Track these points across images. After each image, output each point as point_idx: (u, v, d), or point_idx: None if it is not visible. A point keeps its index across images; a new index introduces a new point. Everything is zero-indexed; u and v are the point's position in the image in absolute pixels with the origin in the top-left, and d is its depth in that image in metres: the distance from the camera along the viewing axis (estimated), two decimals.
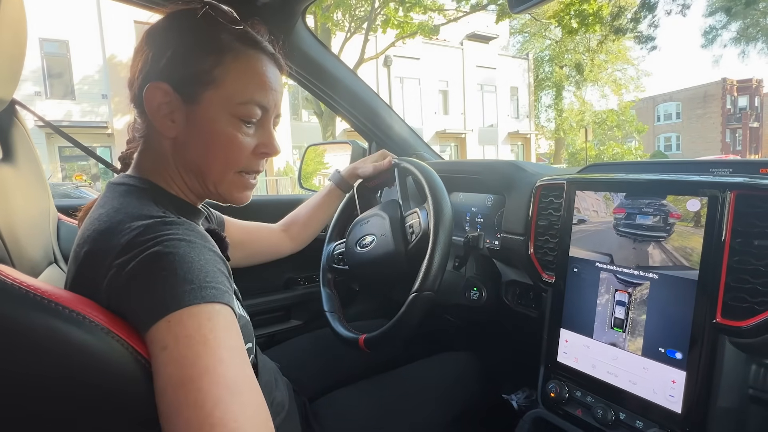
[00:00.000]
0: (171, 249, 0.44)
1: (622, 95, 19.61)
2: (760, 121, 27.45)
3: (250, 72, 0.55)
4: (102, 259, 0.45)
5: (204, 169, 0.57)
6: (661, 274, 0.68)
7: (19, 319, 0.37)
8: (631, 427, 0.70)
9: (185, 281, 0.42)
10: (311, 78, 1.19)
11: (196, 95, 0.53)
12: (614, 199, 0.76)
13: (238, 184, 0.59)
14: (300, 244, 1.03)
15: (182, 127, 0.55)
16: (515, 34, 20.38)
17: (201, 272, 0.44)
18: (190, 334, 0.40)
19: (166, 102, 0.53)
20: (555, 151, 21.86)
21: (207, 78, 0.53)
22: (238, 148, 0.56)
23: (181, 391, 0.38)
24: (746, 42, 12.18)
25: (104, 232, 0.47)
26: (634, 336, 0.71)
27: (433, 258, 0.78)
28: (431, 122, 17.58)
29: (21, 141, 0.72)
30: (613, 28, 12.01)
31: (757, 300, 0.60)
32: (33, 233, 0.68)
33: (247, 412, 0.39)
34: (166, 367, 0.39)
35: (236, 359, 0.42)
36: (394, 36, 9.41)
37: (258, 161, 0.60)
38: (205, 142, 0.55)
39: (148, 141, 0.58)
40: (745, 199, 0.62)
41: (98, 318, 0.40)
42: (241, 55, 0.55)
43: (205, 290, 0.43)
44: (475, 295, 1.00)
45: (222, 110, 0.54)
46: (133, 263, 0.43)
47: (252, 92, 0.55)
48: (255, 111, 0.56)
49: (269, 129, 0.60)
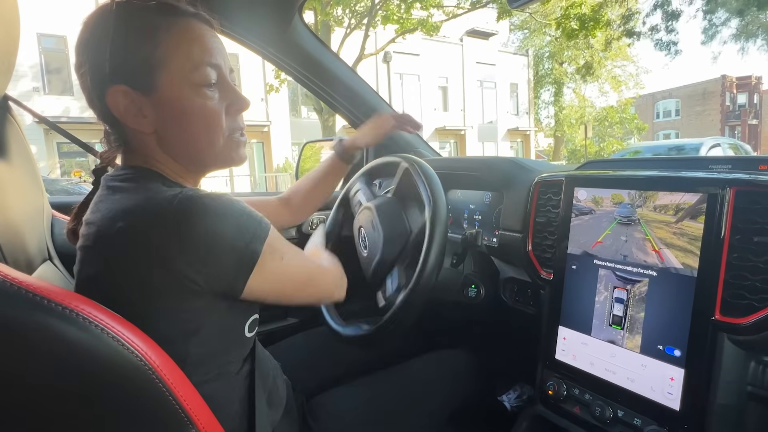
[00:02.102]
0: (221, 206, 0.50)
1: (622, 92, 19.61)
2: (759, 119, 27.47)
3: (187, 38, 0.55)
4: (149, 230, 0.47)
5: (193, 149, 0.58)
6: (659, 270, 0.68)
7: (12, 317, 0.36)
8: (629, 424, 0.70)
9: (255, 222, 0.52)
10: (308, 74, 1.18)
11: (152, 83, 0.54)
12: (613, 196, 0.75)
13: (231, 145, 0.61)
14: (300, 217, 1.01)
15: (155, 118, 0.55)
16: (515, 31, 20.35)
17: (252, 215, 0.53)
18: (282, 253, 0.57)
19: (130, 101, 0.53)
20: (554, 148, 21.85)
21: (153, 62, 0.53)
22: (213, 116, 0.57)
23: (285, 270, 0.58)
24: (746, 39, 12.17)
25: (138, 207, 0.49)
26: (632, 333, 0.70)
27: (429, 252, 0.78)
28: (431, 119, 17.53)
29: (14, 137, 0.71)
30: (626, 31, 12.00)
31: (757, 297, 0.59)
32: (27, 230, 0.68)
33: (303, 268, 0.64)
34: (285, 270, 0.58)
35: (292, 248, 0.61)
36: (394, 32, 9.39)
37: (236, 119, 0.61)
38: (183, 123, 0.56)
39: (129, 146, 0.58)
40: (744, 195, 0.61)
41: (92, 315, 0.40)
42: (171, 26, 0.55)
43: (263, 226, 0.53)
44: (473, 293, 1.00)
45: (181, 85, 0.55)
46: (203, 226, 0.48)
47: (198, 55, 0.55)
48: (209, 72, 0.56)
49: (231, 85, 0.60)
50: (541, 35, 19.43)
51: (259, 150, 14.55)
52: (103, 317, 0.41)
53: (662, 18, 11.31)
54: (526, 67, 20.75)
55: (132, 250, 0.48)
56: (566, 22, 9.51)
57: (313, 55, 1.14)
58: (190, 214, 0.47)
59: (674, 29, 11.39)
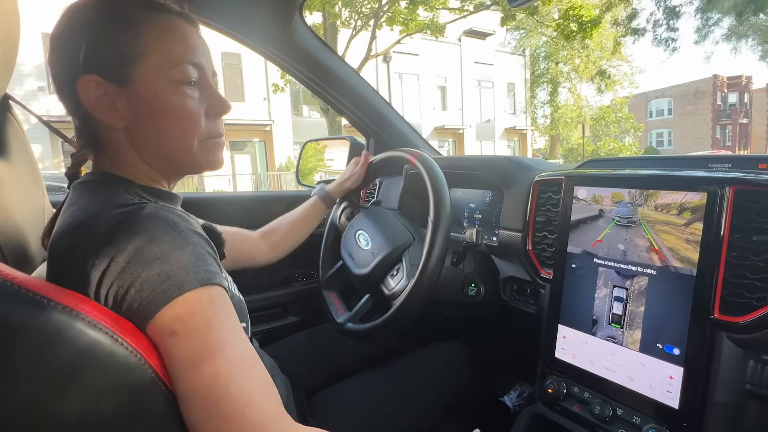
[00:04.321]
0: (158, 236, 0.44)
1: (617, 91, 19.65)
2: (750, 118, 27.74)
3: (169, 35, 0.53)
4: (82, 252, 0.44)
5: (167, 148, 0.55)
6: (659, 269, 0.68)
7: (12, 316, 0.36)
8: (628, 422, 0.71)
9: (180, 267, 0.43)
10: (308, 73, 1.18)
11: (128, 75, 0.51)
12: (613, 194, 0.75)
13: (208, 147, 0.58)
14: (278, 254, 1.01)
15: (129, 113, 0.53)
16: (512, 30, 20.33)
17: (192, 256, 0.45)
18: (196, 318, 0.42)
19: (103, 93, 0.51)
20: (550, 147, 21.90)
21: (131, 54, 0.51)
22: (190, 117, 0.55)
23: (196, 372, 0.41)
24: (737, 39, 12.22)
25: (80, 225, 0.46)
26: (631, 332, 0.71)
27: (432, 248, 0.78)
28: (430, 118, 17.56)
29: (14, 136, 0.71)
30: (630, 30, 12.12)
31: (755, 296, 0.60)
32: (27, 229, 0.67)
33: (255, 383, 0.43)
34: (179, 351, 0.41)
35: (239, 336, 0.45)
36: (398, 33, 9.39)
37: (215, 123, 0.58)
38: (157, 121, 0.53)
39: (99, 143, 0.56)
40: (744, 194, 0.62)
41: (91, 314, 0.40)
42: (153, 21, 0.53)
43: (199, 274, 0.44)
44: (473, 292, 1.00)
45: (159, 81, 0.52)
46: (122, 255, 0.42)
47: (179, 53, 0.53)
48: (190, 70, 0.54)
49: (212, 87, 0.58)
50: (537, 35, 19.44)
51: (261, 149, 14.56)
52: (102, 316, 0.40)
53: (664, 14, 11.41)
54: (522, 66, 20.78)
55: (69, 271, 0.45)
56: (565, 23, 9.59)
57: (314, 54, 1.13)
58: (138, 262, 0.42)
59: (675, 28, 11.51)
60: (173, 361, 0.41)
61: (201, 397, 0.40)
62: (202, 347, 0.41)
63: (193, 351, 0.41)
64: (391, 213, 1.02)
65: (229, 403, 0.40)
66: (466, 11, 9.93)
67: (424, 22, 8.99)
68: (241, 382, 0.41)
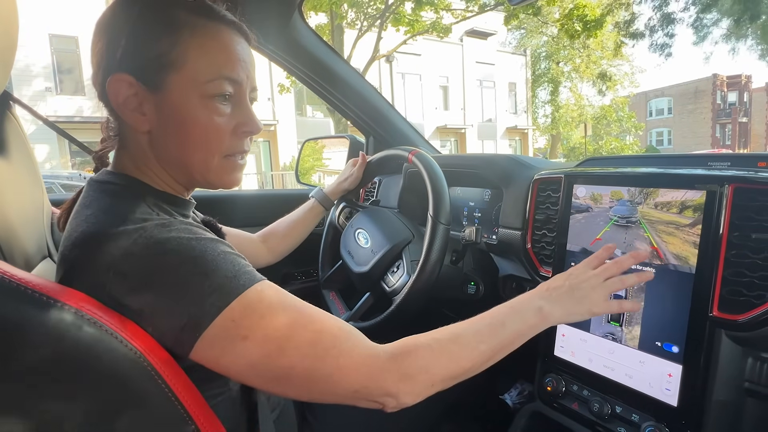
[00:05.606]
0: (188, 251, 0.44)
1: (617, 91, 19.62)
2: (749, 117, 27.71)
3: (212, 45, 0.51)
4: (98, 264, 0.43)
5: (186, 160, 0.53)
6: (658, 267, 0.68)
7: (11, 313, 0.36)
8: (627, 420, 0.70)
9: (222, 276, 0.44)
10: (308, 71, 1.18)
11: (160, 81, 0.50)
12: (612, 193, 0.75)
13: (226, 167, 0.56)
14: (277, 256, 1.02)
15: (154, 118, 0.51)
16: (513, 30, 20.30)
17: (227, 262, 0.45)
18: (260, 314, 0.44)
19: (132, 94, 0.50)
20: (551, 146, 21.86)
21: (166, 61, 0.49)
22: (216, 133, 0.53)
23: (284, 356, 0.44)
24: (736, 39, 12.19)
25: (95, 235, 0.45)
26: (630, 330, 0.71)
27: (433, 242, 0.78)
28: (432, 117, 17.56)
29: (14, 135, 0.71)
30: (629, 34, 12.14)
31: (754, 293, 0.60)
32: (26, 227, 0.67)
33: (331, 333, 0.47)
34: (259, 348, 0.43)
35: (296, 308, 0.47)
36: (403, 33, 9.40)
37: (241, 141, 0.56)
38: (180, 132, 0.52)
39: (123, 139, 0.55)
40: (743, 192, 0.62)
41: (92, 312, 0.40)
42: (198, 29, 0.51)
43: (240, 277, 0.45)
44: (472, 290, 1.00)
45: (190, 93, 0.50)
46: (147, 272, 0.42)
47: (218, 67, 0.51)
48: (225, 87, 0.52)
49: (246, 105, 0.55)
50: (537, 35, 19.42)
51: (266, 149, 14.59)
52: (102, 314, 0.40)
53: (660, 21, 11.42)
54: (524, 66, 20.76)
55: (80, 278, 0.44)
56: (569, 23, 9.61)
57: (314, 53, 1.13)
58: (175, 278, 0.43)
59: (672, 34, 11.52)
60: (252, 356, 0.43)
61: (304, 369, 0.45)
62: (276, 337, 0.44)
63: (271, 342, 0.44)
64: (390, 212, 1.02)
65: (323, 363, 0.46)
66: (470, 11, 9.95)
67: (429, 23, 8.99)
68: (323, 343, 0.46)
